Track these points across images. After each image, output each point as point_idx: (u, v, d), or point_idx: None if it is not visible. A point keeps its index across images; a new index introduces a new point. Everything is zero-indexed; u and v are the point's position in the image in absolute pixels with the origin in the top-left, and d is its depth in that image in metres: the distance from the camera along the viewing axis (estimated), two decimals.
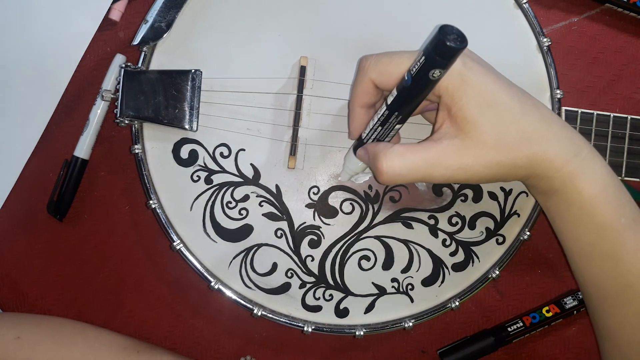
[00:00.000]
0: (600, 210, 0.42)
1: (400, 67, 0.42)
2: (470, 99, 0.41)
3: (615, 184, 0.43)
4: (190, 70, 0.49)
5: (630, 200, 0.44)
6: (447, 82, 0.41)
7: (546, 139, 0.42)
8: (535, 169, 0.42)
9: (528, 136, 0.42)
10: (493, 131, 0.41)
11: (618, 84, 0.58)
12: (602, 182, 0.42)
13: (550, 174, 0.42)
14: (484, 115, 0.41)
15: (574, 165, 0.42)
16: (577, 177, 0.42)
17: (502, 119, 0.41)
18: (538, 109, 0.43)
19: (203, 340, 0.56)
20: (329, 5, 0.50)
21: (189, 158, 0.50)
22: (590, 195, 0.42)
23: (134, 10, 0.55)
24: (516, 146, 0.41)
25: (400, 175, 0.42)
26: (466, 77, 0.41)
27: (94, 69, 0.55)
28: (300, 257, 0.50)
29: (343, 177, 0.49)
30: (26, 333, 0.50)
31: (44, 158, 0.55)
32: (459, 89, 0.41)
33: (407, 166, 0.42)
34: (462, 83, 0.41)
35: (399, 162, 0.42)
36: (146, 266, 0.56)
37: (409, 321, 0.50)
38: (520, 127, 0.42)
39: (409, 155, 0.42)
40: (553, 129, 0.42)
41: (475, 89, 0.41)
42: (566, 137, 0.43)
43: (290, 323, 0.50)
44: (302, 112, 0.50)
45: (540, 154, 0.42)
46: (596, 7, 0.57)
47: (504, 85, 0.42)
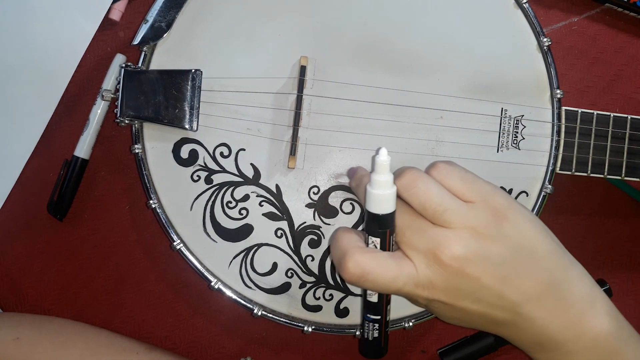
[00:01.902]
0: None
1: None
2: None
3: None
4: (191, 70, 0.49)
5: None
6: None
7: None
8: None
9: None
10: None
11: (618, 84, 0.58)
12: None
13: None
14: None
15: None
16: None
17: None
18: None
19: (203, 340, 0.56)
20: (329, 5, 0.50)
21: (189, 158, 0.50)
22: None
23: (134, 10, 0.55)
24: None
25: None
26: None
27: (94, 69, 0.55)
28: (300, 257, 0.50)
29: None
30: (25, 334, 0.50)
31: (44, 158, 0.55)
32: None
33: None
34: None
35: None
36: (146, 266, 0.56)
37: (409, 321, 0.50)
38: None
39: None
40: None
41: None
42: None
43: (290, 323, 0.50)
44: (302, 112, 0.50)
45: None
46: (596, 7, 0.58)
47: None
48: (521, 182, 0.51)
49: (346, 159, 0.50)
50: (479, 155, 0.51)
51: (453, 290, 0.40)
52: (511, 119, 0.51)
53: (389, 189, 0.41)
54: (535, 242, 0.41)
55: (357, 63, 0.50)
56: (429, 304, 0.42)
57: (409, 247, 0.41)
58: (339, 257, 0.41)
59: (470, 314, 0.41)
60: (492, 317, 0.41)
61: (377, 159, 0.41)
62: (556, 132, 0.51)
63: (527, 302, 0.40)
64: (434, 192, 0.40)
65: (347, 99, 0.50)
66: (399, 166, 0.44)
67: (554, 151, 0.51)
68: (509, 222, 0.41)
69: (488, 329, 0.43)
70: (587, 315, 0.41)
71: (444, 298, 0.40)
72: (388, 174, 0.41)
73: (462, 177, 0.42)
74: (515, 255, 0.40)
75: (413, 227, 0.41)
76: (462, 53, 0.51)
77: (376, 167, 0.41)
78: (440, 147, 0.51)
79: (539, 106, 0.51)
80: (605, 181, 0.58)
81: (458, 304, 0.41)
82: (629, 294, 0.59)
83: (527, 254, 0.41)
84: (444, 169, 0.42)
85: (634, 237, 0.59)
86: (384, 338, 0.45)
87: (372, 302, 0.43)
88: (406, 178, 0.41)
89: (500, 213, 0.41)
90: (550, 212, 0.57)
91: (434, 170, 0.42)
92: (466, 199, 0.41)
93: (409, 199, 0.41)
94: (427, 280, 0.40)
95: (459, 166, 0.43)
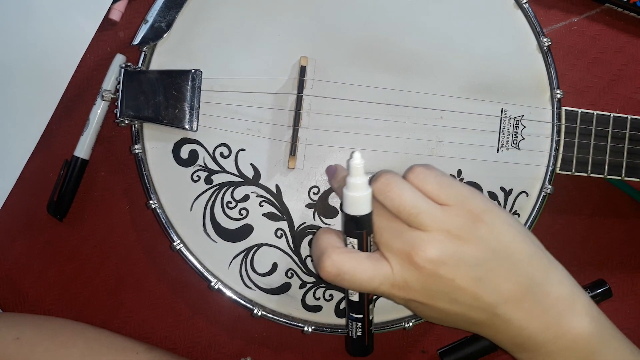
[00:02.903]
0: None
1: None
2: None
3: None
4: (191, 70, 0.49)
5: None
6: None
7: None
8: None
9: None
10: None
11: (618, 84, 0.58)
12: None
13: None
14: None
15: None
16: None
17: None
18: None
19: (203, 340, 0.56)
20: (329, 5, 0.50)
21: (189, 158, 0.50)
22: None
23: (134, 10, 0.55)
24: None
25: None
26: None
27: (94, 69, 0.55)
28: (300, 257, 0.50)
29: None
30: (25, 334, 0.50)
31: (44, 158, 0.55)
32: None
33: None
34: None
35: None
36: (146, 266, 0.56)
37: (409, 321, 0.50)
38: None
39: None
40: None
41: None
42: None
43: (290, 323, 0.50)
44: (302, 112, 0.50)
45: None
46: (596, 7, 0.58)
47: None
48: (521, 182, 0.51)
49: (346, 159, 0.50)
50: (479, 155, 0.51)
51: (428, 291, 0.41)
52: (511, 119, 0.51)
53: (364, 191, 0.42)
54: (513, 245, 0.42)
55: (357, 63, 0.50)
56: (407, 304, 0.43)
57: (386, 248, 0.42)
58: (317, 256, 0.43)
59: (448, 314, 0.42)
60: (470, 317, 0.42)
61: (351, 163, 0.42)
62: (556, 132, 0.51)
63: (504, 303, 0.41)
64: (407, 196, 0.41)
65: (347, 99, 0.50)
66: (399, 167, 0.45)
67: (554, 151, 0.51)
68: (484, 224, 0.41)
69: (468, 329, 0.44)
70: (567, 317, 0.41)
71: (420, 298, 0.41)
72: (363, 176, 0.42)
73: (438, 180, 0.42)
74: (491, 257, 0.41)
75: (390, 228, 0.42)
76: (462, 53, 0.51)
77: (351, 170, 0.42)
78: (440, 147, 0.51)
79: (539, 106, 0.51)
80: (605, 181, 0.58)
81: (434, 305, 0.41)
82: (629, 294, 0.59)
83: (503, 256, 0.41)
84: (420, 172, 0.42)
85: (634, 237, 0.59)
86: (367, 336, 0.46)
87: (354, 301, 0.44)
88: (380, 182, 0.42)
89: (476, 216, 0.41)
90: (550, 212, 0.57)
91: (410, 173, 0.43)
92: (442, 202, 0.41)
93: (384, 202, 0.42)
94: (402, 281, 0.41)
95: (436, 169, 0.43)
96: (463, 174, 0.51)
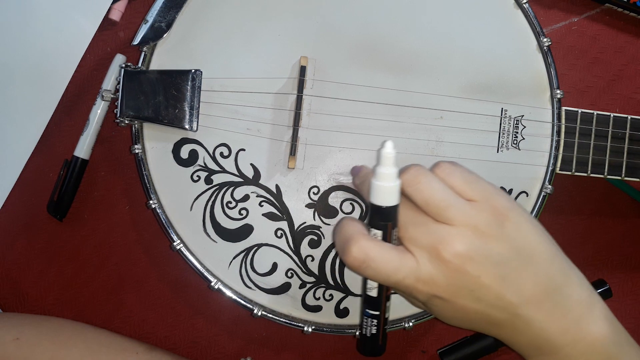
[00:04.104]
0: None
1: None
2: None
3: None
4: (190, 70, 0.49)
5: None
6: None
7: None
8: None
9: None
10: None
11: (618, 84, 0.58)
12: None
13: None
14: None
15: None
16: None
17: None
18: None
19: (203, 340, 0.56)
20: (329, 5, 0.50)
21: (189, 158, 0.50)
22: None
23: (134, 10, 0.55)
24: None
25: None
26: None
27: (94, 69, 0.55)
28: (300, 257, 0.50)
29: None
30: (25, 334, 0.50)
31: (44, 158, 0.55)
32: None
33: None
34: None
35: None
36: (146, 266, 0.56)
37: (409, 321, 0.50)
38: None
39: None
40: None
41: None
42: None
43: (290, 323, 0.50)
44: (302, 112, 0.50)
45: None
46: (596, 7, 0.58)
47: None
48: (521, 182, 0.51)
49: (346, 159, 0.50)
50: (479, 155, 0.51)
51: (453, 287, 0.40)
52: (511, 119, 0.51)
53: (392, 181, 0.41)
54: (536, 245, 0.41)
55: (357, 63, 0.50)
56: (429, 301, 0.42)
57: (411, 242, 0.41)
58: (342, 242, 0.41)
59: (469, 313, 0.42)
60: (491, 317, 0.41)
61: (382, 152, 0.41)
62: (556, 132, 0.51)
63: (526, 304, 0.40)
64: (437, 189, 0.41)
65: (347, 99, 0.50)
66: (400, 165, 0.44)
67: (554, 151, 0.51)
68: (510, 222, 0.41)
69: (486, 330, 0.43)
70: (586, 320, 0.41)
71: (444, 295, 0.41)
72: (393, 166, 0.41)
73: (464, 176, 0.42)
74: (515, 256, 0.40)
75: (416, 222, 0.41)
76: (462, 53, 0.51)
77: (381, 160, 0.41)
78: (440, 147, 0.51)
79: (539, 106, 0.51)
80: (605, 181, 0.58)
81: (458, 302, 0.41)
82: (628, 294, 0.59)
83: (527, 255, 0.41)
84: (447, 167, 0.42)
85: (634, 237, 0.59)
86: (382, 335, 0.45)
87: (372, 297, 0.43)
88: (410, 174, 0.42)
89: (502, 213, 0.41)
90: (550, 212, 0.57)
91: (437, 168, 0.42)
92: (468, 198, 0.41)
93: (413, 195, 0.41)
94: (428, 275, 0.40)
95: (461, 166, 0.43)
96: None
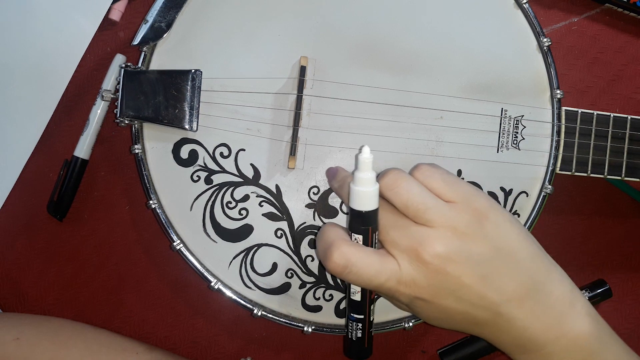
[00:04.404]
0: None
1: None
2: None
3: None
4: (190, 70, 0.49)
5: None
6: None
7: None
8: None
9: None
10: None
11: (618, 84, 0.58)
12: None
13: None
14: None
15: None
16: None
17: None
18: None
19: (203, 340, 0.56)
20: (329, 5, 0.50)
21: (189, 158, 0.50)
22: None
23: (134, 10, 0.55)
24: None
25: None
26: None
27: (94, 69, 0.55)
28: (300, 257, 0.50)
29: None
30: (25, 334, 0.50)
31: (44, 158, 0.55)
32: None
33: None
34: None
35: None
36: (146, 266, 0.56)
37: (409, 321, 0.50)
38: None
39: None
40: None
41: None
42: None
43: (290, 323, 0.50)
44: (302, 112, 0.50)
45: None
46: (596, 7, 0.58)
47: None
48: (521, 182, 0.51)
49: (346, 159, 0.50)
50: (479, 155, 0.51)
51: (435, 288, 0.41)
52: (511, 119, 0.51)
53: (371, 186, 0.42)
54: (517, 244, 0.42)
55: (357, 63, 0.50)
56: (411, 303, 0.42)
57: (392, 245, 0.41)
58: (324, 248, 0.42)
59: (452, 314, 0.42)
60: (474, 316, 0.42)
61: (360, 157, 0.42)
62: (556, 132, 0.51)
63: (508, 303, 0.41)
64: (416, 192, 0.41)
65: (347, 99, 0.50)
66: (399, 167, 0.44)
67: (554, 151, 0.51)
68: (490, 222, 0.41)
69: (470, 330, 0.44)
70: (568, 317, 0.42)
71: (426, 296, 0.41)
72: (371, 171, 0.42)
73: (444, 178, 0.42)
74: (496, 255, 0.41)
75: (396, 225, 0.42)
76: (462, 53, 0.51)
77: (359, 165, 0.42)
78: (440, 147, 0.51)
79: (539, 106, 0.51)
80: (605, 181, 0.58)
81: (440, 303, 0.41)
82: (628, 294, 0.58)
83: (507, 254, 0.41)
84: (426, 170, 0.43)
85: (634, 237, 0.59)
86: (367, 338, 0.45)
87: (356, 301, 0.44)
88: (389, 177, 0.42)
89: (481, 214, 0.41)
90: (550, 212, 0.57)
91: (416, 171, 0.43)
92: (448, 199, 0.42)
93: (392, 198, 0.42)
94: (409, 277, 0.40)
95: (441, 168, 0.44)
96: (463, 174, 0.51)
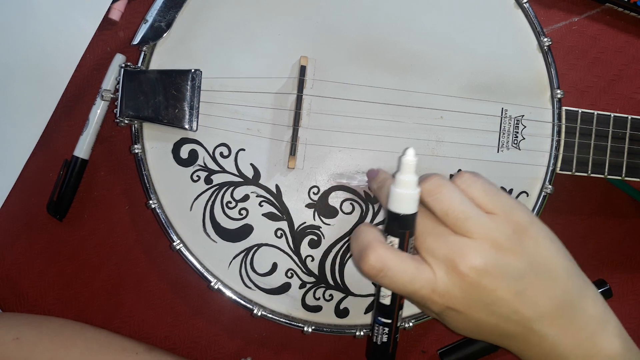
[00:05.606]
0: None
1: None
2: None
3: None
4: (190, 70, 0.49)
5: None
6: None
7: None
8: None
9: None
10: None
11: (618, 84, 0.58)
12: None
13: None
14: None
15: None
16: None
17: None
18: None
19: (203, 340, 0.56)
20: (329, 5, 0.50)
21: (188, 158, 0.50)
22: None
23: (134, 10, 0.55)
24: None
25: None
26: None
27: (94, 69, 0.55)
28: (300, 257, 0.50)
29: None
30: (25, 334, 0.50)
31: (44, 158, 0.55)
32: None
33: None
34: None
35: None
36: (146, 266, 0.56)
37: (409, 321, 0.50)
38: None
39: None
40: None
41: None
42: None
43: (290, 323, 0.50)
44: (302, 112, 0.50)
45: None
46: (596, 7, 0.58)
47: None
48: (521, 182, 0.51)
49: (346, 159, 0.50)
50: (479, 155, 0.51)
51: (469, 300, 0.40)
52: (511, 119, 0.51)
53: (412, 189, 0.41)
54: (554, 260, 0.41)
55: (357, 63, 0.50)
56: (443, 312, 0.41)
57: (429, 253, 0.40)
58: (360, 249, 0.41)
59: (482, 326, 0.41)
60: (505, 330, 0.41)
61: (403, 159, 0.41)
62: (556, 132, 0.51)
63: (541, 319, 0.40)
64: (457, 200, 0.40)
65: (347, 99, 0.50)
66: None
67: (554, 151, 0.51)
68: (529, 237, 0.40)
69: (498, 342, 0.43)
70: (599, 337, 0.41)
71: (460, 307, 0.40)
72: (413, 174, 0.41)
73: (485, 188, 0.42)
74: (532, 271, 0.40)
75: (434, 233, 0.41)
76: (463, 53, 0.51)
77: (402, 167, 0.41)
78: (440, 147, 0.51)
79: (539, 106, 0.51)
80: (605, 181, 0.58)
81: (472, 314, 0.41)
82: (629, 294, 0.58)
83: (544, 270, 0.41)
84: (468, 179, 0.42)
85: (634, 237, 0.59)
86: (392, 344, 0.44)
87: (384, 305, 0.43)
88: (431, 183, 0.41)
89: (521, 228, 0.40)
90: (550, 212, 0.57)
91: (458, 179, 0.42)
92: (488, 210, 0.41)
93: (432, 205, 0.41)
94: (444, 287, 0.40)
95: (483, 177, 0.43)
96: None
